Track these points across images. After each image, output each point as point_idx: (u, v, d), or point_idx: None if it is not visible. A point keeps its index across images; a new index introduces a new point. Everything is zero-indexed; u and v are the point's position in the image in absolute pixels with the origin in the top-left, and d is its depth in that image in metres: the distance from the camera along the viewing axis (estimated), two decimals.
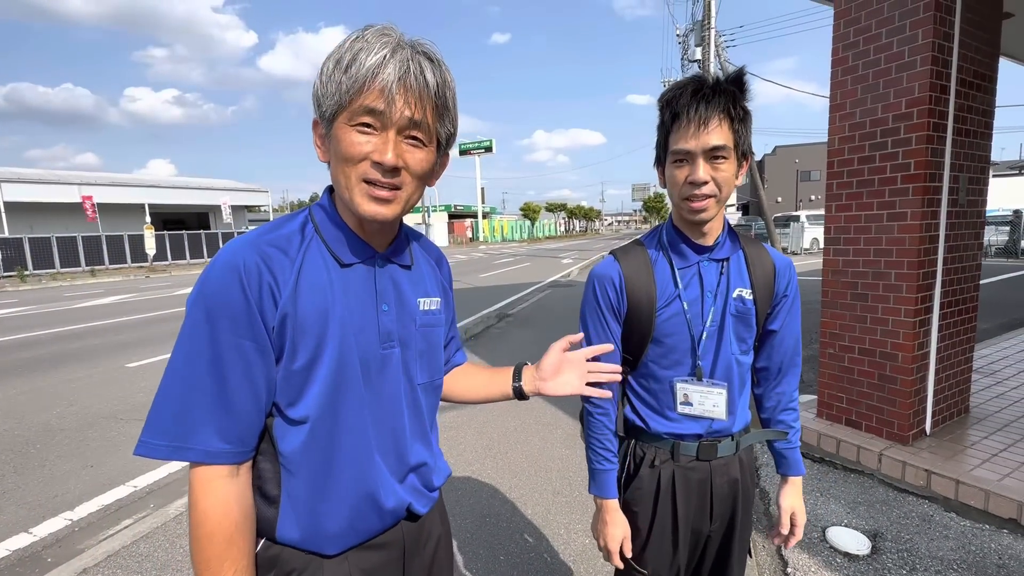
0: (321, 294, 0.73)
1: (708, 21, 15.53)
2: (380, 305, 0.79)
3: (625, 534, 1.10)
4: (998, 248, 15.38)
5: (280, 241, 0.73)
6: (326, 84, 0.70)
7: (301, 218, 0.78)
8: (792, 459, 1.17)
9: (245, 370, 0.69)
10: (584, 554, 2.26)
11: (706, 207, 0.98)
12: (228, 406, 0.68)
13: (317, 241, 0.75)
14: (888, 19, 2.69)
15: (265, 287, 0.69)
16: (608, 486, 1.10)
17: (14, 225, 21.65)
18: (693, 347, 1.05)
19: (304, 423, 0.73)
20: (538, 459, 3.20)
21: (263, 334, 0.69)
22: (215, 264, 0.69)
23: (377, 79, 0.68)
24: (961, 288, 2.97)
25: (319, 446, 0.74)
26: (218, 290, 0.68)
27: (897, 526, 2.31)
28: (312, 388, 0.73)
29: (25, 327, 8.46)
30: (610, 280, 1.07)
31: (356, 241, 0.78)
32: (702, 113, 0.92)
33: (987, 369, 4.02)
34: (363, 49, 0.68)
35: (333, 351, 0.73)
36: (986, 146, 2.95)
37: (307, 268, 0.73)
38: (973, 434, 2.90)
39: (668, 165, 1.01)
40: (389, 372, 0.80)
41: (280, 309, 0.70)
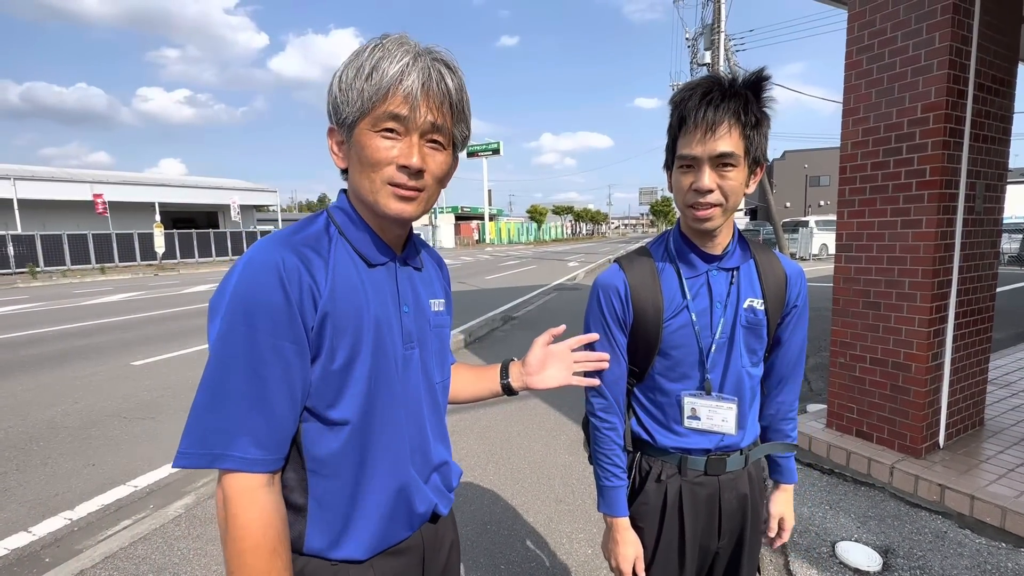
0: (355, 293, 0.73)
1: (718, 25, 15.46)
2: (401, 306, 0.80)
3: (637, 553, 1.06)
4: (1011, 256, 15.16)
5: (312, 241, 0.73)
6: (346, 92, 0.71)
7: (322, 220, 0.78)
8: (786, 467, 1.16)
9: (284, 373, 0.67)
10: (587, 564, 2.21)
11: (710, 216, 0.93)
12: (267, 411, 0.67)
13: (342, 242, 0.76)
14: (904, 22, 2.63)
15: (306, 287, 0.68)
16: (618, 504, 1.07)
17: (27, 222, 21.93)
18: (701, 360, 1.01)
19: (344, 424, 0.73)
20: (541, 465, 3.15)
21: (303, 335, 0.69)
22: (251, 263, 0.67)
23: (401, 86, 0.70)
24: (977, 297, 2.90)
25: (357, 448, 0.74)
26: (257, 290, 0.66)
27: (909, 542, 2.25)
28: (351, 388, 0.73)
29: (34, 323, 8.53)
30: (615, 289, 1.03)
31: (380, 243, 0.79)
32: (710, 118, 0.87)
33: (1002, 380, 3.93)
34: (384, 57, 0.70)
35: (368, 350, 0.73)
36: (1004, 152, 2.88)
37: (339, 268, 0.73)
38: (988, 448, 2.82)
39: (675, 170, 0.96)
40: (411, 372, 0.81)
41: (320, 309, 0.70)
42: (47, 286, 16.08)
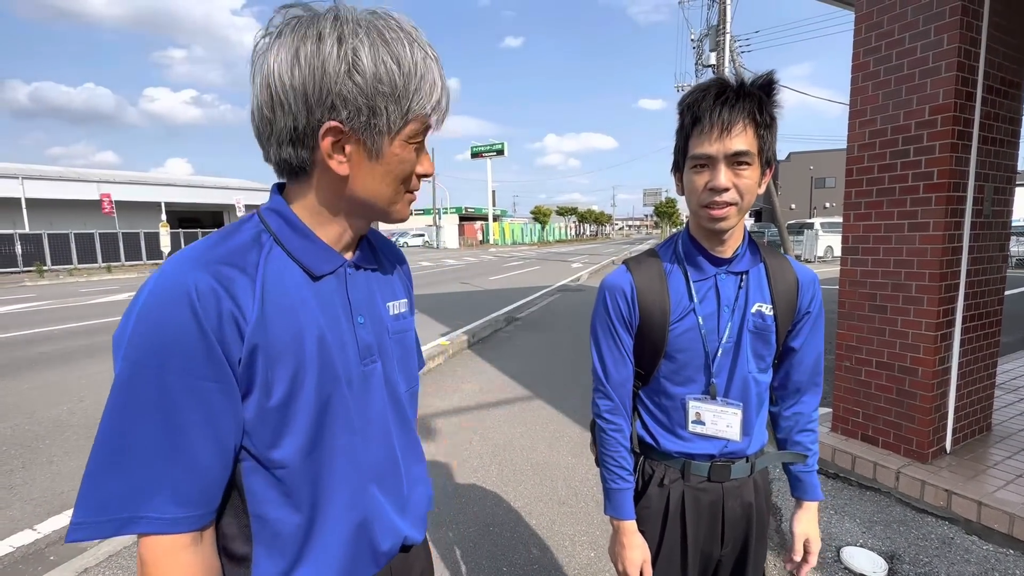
0: (293, 314, 0.63)
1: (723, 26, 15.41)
2: (355, 318, 0.71)
3: (645, 557, 1.05)
4: (1019, 259, 15.04)
5: (233, 257, 0.61)
6: (388, 90, 0.60)
7: (251, 227, 0.66)
8: (809, 483, 1.11)
9: (207, 417, 0.58)
10: (589, 567, 2.20)
11: (726, 215, 0.92)
12: (188, 463, 0.57)
13: (279, 253, 0.65)
14: (912, 23, 2.61)
15: (227, 315, 0.58)
16: (625, 507, 1.06)
17: (35, 221, 22.11)
18: (707, 364, 1.00)
19: (286, 466, 0.64)
20: (544, 468, 3.15)
21: (227, 371, 0.58)
22: (156, 290, 0.57)
23: (443, 96, 0.66)
24: (985, 301, 2.87)
25: (306, 488, 0.65)
26: (164, 323, 0.56)
27: (915, 548, 2.23)
28: (294, 423, 0.63)
29: (41, 322, 8.60)
30: (621, 291, 1.03)
31: (327, 250, 0.68)
32: (725, 117, 0.87)
33: (1010, 385, 3.89)
34: (426, 58, 0.63)
35: (314, 378, 0.64)
36: (1013, 155, 2.85)
37: (272, 286, 0.62)
38: (996, 453, 2.80)
39: (687, 171, 0.95)
40: (373, 389, 0.72)
41: (247, 339, 0.59)
42: (54, 284, 16.21)
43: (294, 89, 0.58)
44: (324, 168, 0.63)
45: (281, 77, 0.59)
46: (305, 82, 0.58)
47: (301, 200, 0.67)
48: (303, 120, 0.60)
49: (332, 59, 0.58)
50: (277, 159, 0.64)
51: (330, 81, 0.58)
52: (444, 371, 5.29)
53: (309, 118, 0.60)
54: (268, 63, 0.59)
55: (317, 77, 0.58)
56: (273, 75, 0.59)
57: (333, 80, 0.58)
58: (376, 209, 0.68)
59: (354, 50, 0.58)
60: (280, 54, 0.59)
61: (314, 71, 0.58)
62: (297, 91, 0.58)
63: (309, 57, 0.58)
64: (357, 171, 0.64)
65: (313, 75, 0.58)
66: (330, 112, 0.60)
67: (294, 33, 0.59)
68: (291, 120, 0.60)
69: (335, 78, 0.58)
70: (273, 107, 0.60)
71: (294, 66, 0.58)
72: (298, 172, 0.65)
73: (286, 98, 0.59)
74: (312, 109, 0.59)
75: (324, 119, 0.60)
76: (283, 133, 0.61)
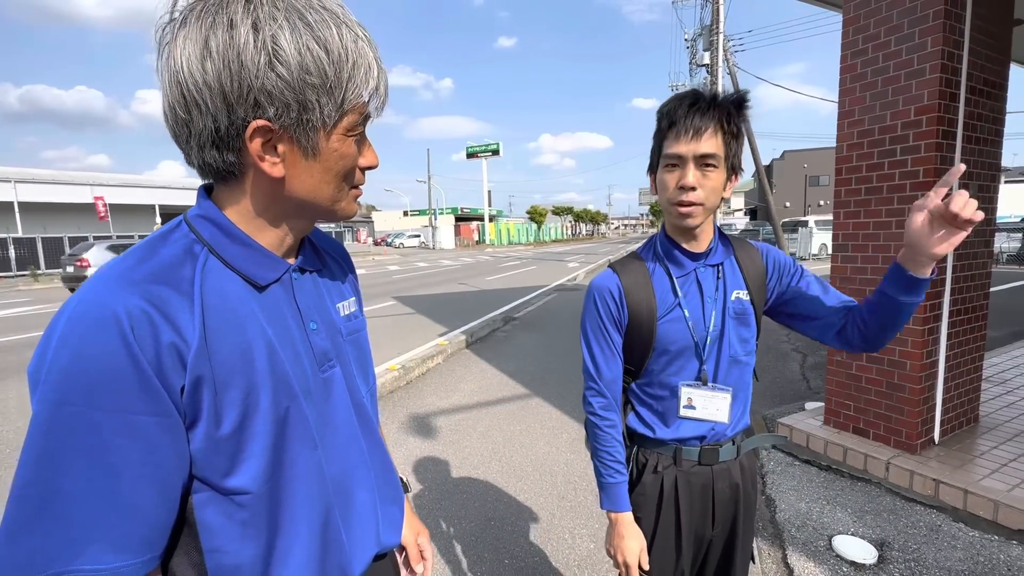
0: (240, 332, 0.57)
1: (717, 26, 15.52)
2: (308, 324, 0.66)
3: (642, 546, 1.10)
4: (1010, 255, 15.20)
5: (164, 274, 0.54)
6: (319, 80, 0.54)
7: (179, 237, 0.59)
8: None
9: (145, 456, 0.51)
10: (589, 559, 2.26)
11: (692, 213, 1.00)
12: (125, 508, 0.51)
13: (215, 264, 0.58)
14: (897, 26, 2.69)
15: (165, 344, 0.51)
16: (621, 499, 1.11)
17: (28, 225, 21.98)
18: (697, 352, 1.07)
19: (245, 493, 0.58)
20: (543, 463, 3.20)
21: (166, 403, 0.52)
22: (74, 318, 0.50)
23: (381, 79, 0.59)
24: (971, 296, 2.95)
25: (268, 513, 0.60)
26: (89, 354, 0.48)
27: (904, 535, 2.30)
28: (251, 447, 0.58)
29: (37, 326, 8.58)
30: (608, 291, 1.09)
31: (269, 257, 0.62)
32: (697, 122, 0.96)
33: (997, 378, 3.98)
34: (358, 39, 0.57)
35: (268, 396, 0.58)
36: (996, 153, 2.93)
37: (212, 303, 0.56)
38: (982, 443, 2.87)
39: (660, 170, 1.04)
40: (335, 396, 0.68)
41: (190, 368, 0.53)
42: (48, 289, 16.13)
43: (208, 87, 0.52)
44: (256, 170, 0.58)
45: (192, 73, 0.52)
46: (221, 77, 0.52)
47: (234, 205, 0.60)
48: (224, 120, 0.53)
49: (249, 49, 0.51)
50: (200, 163, 0.57)
51: (249, 75, 0.52)
52: (443, 371, 5.33)
53: (231, 117, 0.53)
54: (175, 56, 0.52)
55: (234, 71, 0.52)
56: (182, 71, 0.52)
57: (253, 74, 0.52)
58: (319, 209, 0.63)
59: (273, 37, 0.52)
60: (187, 46, 0.52)
61: (229, 64, 0.51)
62: (213, 88, 0.52)
63: (221, 48, 0.51)
64: (293, 171, 0.58)
65: (229, 69, 0.51)
66: (255, 110, 0.53)
67: (200, 20, 0.52)
68: (210, 121, 0.53)
69: (255, 71, 0.52)
70: (188, 107, 0.53)
71: (205, 59, 0.51)
72: (226, 176, 0.58)
73: (201, 97, 0.52)
74: (233, 108, 0.53)
75: (249, 118, 0.54)
76: (203, 135, 0.54)
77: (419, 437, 3.65)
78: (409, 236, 45.97)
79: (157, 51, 0.55)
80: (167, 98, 0.55)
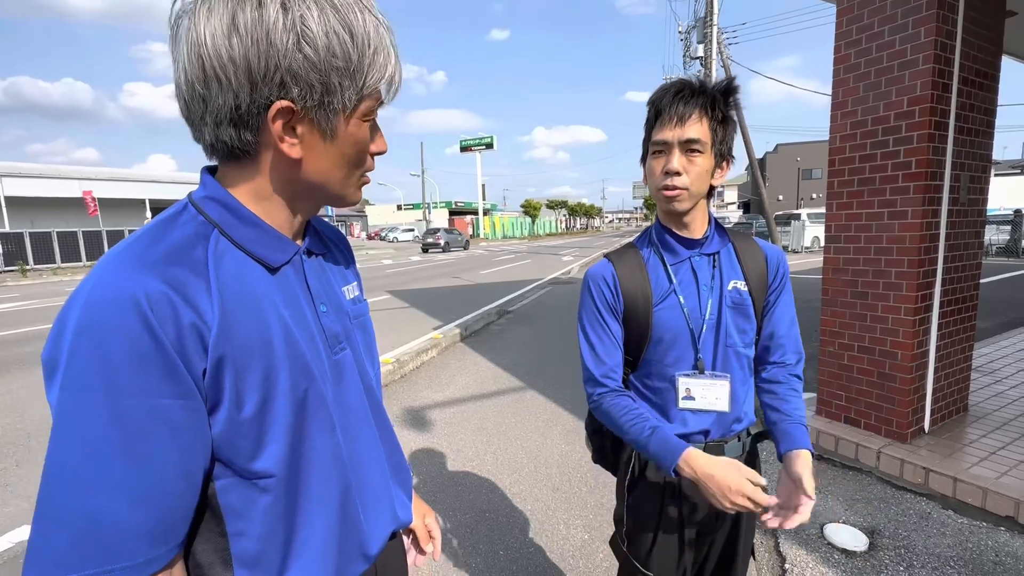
0: (257, 313, 0.57)
1: (710, 18, 15.47)
2: (318, 307, 0.66)
3: (748, 472, 0.94)
4: (999, 247, 15.37)
5: (178, 256, 0.53)
6: (344, 64, 0.54)
7: (188, 219, 0.58)
8: (796, 432, 1.04)
9: (172, 440, 0.50)
10: (583, 549, 2.27)
11: (679, 197, 1.00)
12: (158, 496, 0.50)
13: (227, 246, 0.57)
14: (891, 17, 2.68)
15: (186, 325, 0.50)
16: (672, 443, 0.98)
17: (15, 220, 21.67)
18: (693, 341, 1.06)
19: (269, 476, 0.58)
20: (537, 455, 3.21)
21: (191, 386, 0.51)
22: (94, 303, 0.48)
23: (397, 67, 0.60)
24: (961, 287, 2.97)
25: (291, 496, 0.61)
26: (112, 339, 0.47)
27: (895, 523, 2.32)
28: (273, 429, 0.58)
29: (26, 322, 8.47)
30: (603, 278, 1.09)
31: (280, 238, 0.62)
32: (681, 109, 0.97)
33: (986, 368, 4.02)
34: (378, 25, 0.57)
35: (287, 379, 0.58)
36: (988, 145, 2.95)
37: (228, 285, 0.55)
38: (971, 432, 2.91)
39: (648, 157, 1.05)
40: (347, 379, 0.68)
41: (212, 350, 0.52)
42: (37, 284, 15.94)
43: (234, 62, 0.51)
44: (272, 151, 0.57)
45: (216, 47, 0.50)
46: (248, 55, 0.51)
47: (243, 184, 0.59)
48: (246, 98, 0.52)
49: (278, 28, 0.51)
50: (213, 140, 0.56)
51: (277, 54, 0.51)
52: (438, 364, 5.33)
53: (254, 96, 0.52)
54: (198, 29, 0.51)
55: (262, 49, 0.51)
56: (205, 44, 0.50)
57: (281, 53, 0.51)
58: (329, 193, 0.63)
59: (302, 18, 0.51)
60: (212, 20, 0.50)
61: (258, 42, 0.50)
62: (238, 65, 0.51)
63: (250, 25, 0.50)
64: (310, 153, 0.58)
65: (257, 47, 0.50)
66: (280, 90, 0.53)
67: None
68: (231, 98, 0.52)
69: (283, 51, 0.51)
70: (207, 82, 0.52)
71: (232, 35, 0.50)
72: (239, 155, 0.57)
73: (224, 72, 0.51)
74: (257, 86, 0.52)
75: (273, 97, 0.53)
76: (221, 112, 0.53)
77: (414, 430, 3.64)
78: (403, 230, 45.79)
79: (172, 22, 0.53)
80: (184, 71, 0.53)
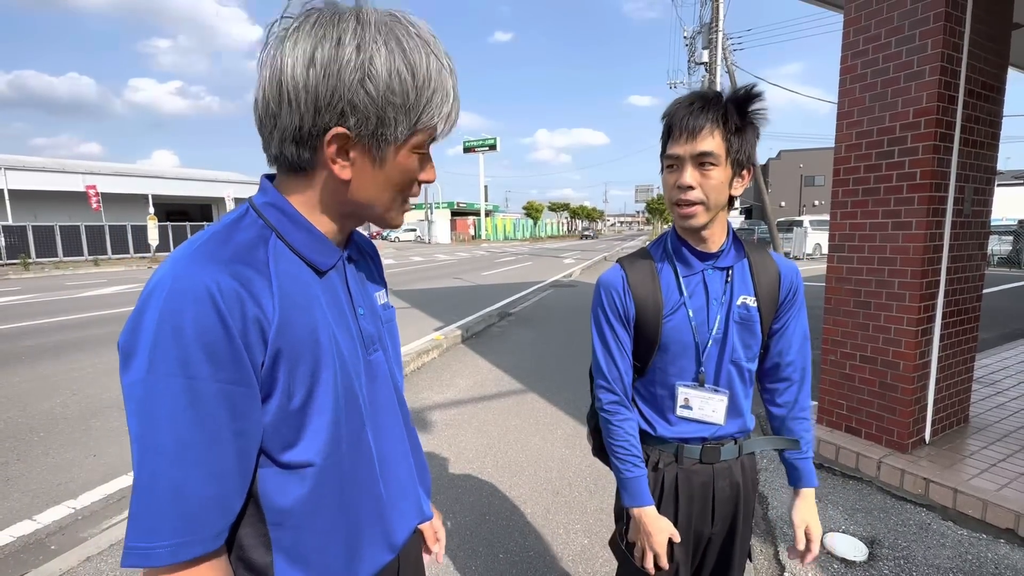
0: (309, 312, 0.62)
1: (716, 24, 15.50)
2: (357, 309, 0.71)
3: (671, 532, 1.08)
4: (1001, 258, 15.36)
5: (245, 256, 0.59)
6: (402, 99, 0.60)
7: (250, 222, 0.63)
8: (804, 470, 1.14)
9: (233, 421, 0.56)
10: (583, 554, 2.28)
11: (693, 213, 1.00)
12: (223, 472, 0.56)
13: (283, 249, 0.63)
14: (898, 28, 2.69)
15: (251, 318, 0.56)
16: (641, 493, 1.08)
17: (18, 213, 21.71)
18: (697, 353, 1.07)
19: (308, 466, 0.63)
20: (538, 458, 3.21)
21: (251, 376, 0.57)
22: (175, 292, 0.53)
23: (456, 106, 0.65)
24: (964, 298, 2.98)
25: (327, 487, 0.65)
26: (192, 328, 0.52)
27: (894, 533, 2.33)
28: (313, 423, 0.63)
29: (28, 315, 8.49)
30: (615, 287, 1.10)
31: (327, 244, 0.67)
32: (691, 122, 0.97)
33: (987, 379, 4.02)
34: (441, 69, 0.62)
35: (331, 375, 0.63)
36: (992, 156, 2.96)
37: (286, 285, 0.61)
38: (972, 444, 2.91)
39: (663, 171, 1.05)
40: (379, 379, 0.73)
41: (271, 344, 0.58)
42: (40, 278, 15.96)
43: (306, 90, 0.57)
44: (326, 170, 0.63)
45: (294, 75, 0.57)
46: (318, 85, 0.57)
47: (298, 194, 0.65)
48: (309, 121, 0.59)
49: (349, 67, 0.57)
50: (277, 153, 0.63)
51: (343, 88, 0.58)
52: (439, 365, 5.33)
53: (316, 120, 0.59)
54: (282, 57, 0.58)
55: (331, 83, 0.57)
56: (286, 71, 0.57)
57: (346, 87, 0.58)
58: (373, 213, 0.69)
59: (371, 58, 0.58)
60: (296, 51, 0.57)
61: (329, 76, 0.57)
62: (309, 93, 0.57)
63: (326, 61, 0.57)
64: (359, 176, 0.63)
65: (327, 80, 0.57)
66: (339, 118, 0.59)
67: (314, 31, 0.57)
68: (297, 119, 0.59)
69: (348, 85, 0.58)
70: (280, 103, 0.59)
71: (309, 67, 0.57)
72: (297, 169, 0.64)
73: (295, 97, 0.58)
74: (320, 112, 0.58)
75: (331, 124, 0.59)
76: (287, 130, 0.60)
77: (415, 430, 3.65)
78: (405, 230, 45.83)
79: (263, 47, 0.60)
80: (263, 91, 0.60)
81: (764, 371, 1.17)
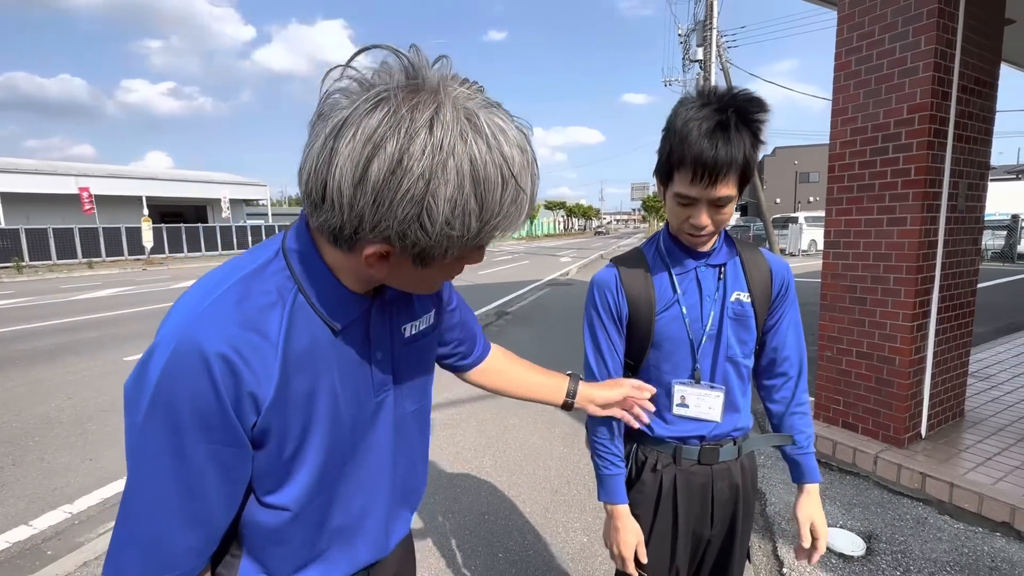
0: (311, 377, 0.62)
1: (710, 21, 15.52)
2: (375, 353, 0.69)
3: (638, 539, 1.10)
4: (995, 252, 15.46)
5: (257, 319, 0.58)
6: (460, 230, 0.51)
7: (275, 272, 0.61)
8: (806, 465, 1.14)
9: (221, 474, 0.59)
10: (582, 552, 2.28)
11: (703, 242, 1.02)
12: (205, 520, 0.60)
13: (303, 305, 0.61)
14: (891, 24, 2.70)
15: (244, 396, 0.57)
16: (618, 492, 1.11)
17: (10, 216, 21.55)
18: (692, 350, 1.07)
19: (284, 510, 0.66)
20: (537, 457, 3.22)
21: (241, 435, 0.59)
22: (175, 354, 0.54)
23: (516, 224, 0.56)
24: (959, 293, 2.99)
25: (298, 528, 0.68)
26: (181, 395, 0.54)
27: (891, 528, 2.34)
28: (297, 474, 0.65)
29: (22, 319, 8.43)
30: (608, 286, 1.10)
31: (352, 300, 0.64)
32: (711, 167, 0.88)
33: (982, 373, 4.05)
34: (523, 200, 0.54)
35: (320, 434, 0.65)
36: (986, 152, 2.97)
37: (292, 349, 0.60)
38: (968, 438, 2.93)
39: (669, 198, 1.00)
40: (381, 420, 0.74)
41: (263, 414, 0.59)
42: (33, 281, 15.85)
43: (351, 208, 0.50)
44: (363, 258, 0.57)
45: (340, 187, 0.49)
46: (365, 208, 0.49)
47: (332, 250, 0.60)
48: (349, 229, 0.52)
49: (406, 198, 0.48)
50: (317, 224, 0.56)
51: (393, 220, 0.49)
52: None
53: (358, 230, 0.52)
54: (336, 154, 0.48)
55: (382, 209, 0.49)
56: (333, 176, 0.49)
57: (398, 220, 0.49)
58: (407, 290, 0.68)
59: (435, 192, 0.48)
60: (350, 155, 0.47)
61: (380, 204, 0.48)
62: (354, 211, 0.50)
63: (379, 186, 0.48)
64: (397, 272, 0.59)
65: (377, 207, 0.49)
66: (383, 239, 0.52)
67: (378, 131, 0.47)
68: (337, 222, 0.52)
69: (400, 219, 0.49)
70: (324, 200, 0.51)
71: (358, 185, 0.48)
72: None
73: (339, 207, 0.50)
74: (363, 225, 0.51)
75: (375, 239, 0.53)
76: (325, 224, 0.54)
77: None
78: None
79: (320, 104, 0.51)
80: (309, 172, 0.51)
81: (761, 368, 1.17)
